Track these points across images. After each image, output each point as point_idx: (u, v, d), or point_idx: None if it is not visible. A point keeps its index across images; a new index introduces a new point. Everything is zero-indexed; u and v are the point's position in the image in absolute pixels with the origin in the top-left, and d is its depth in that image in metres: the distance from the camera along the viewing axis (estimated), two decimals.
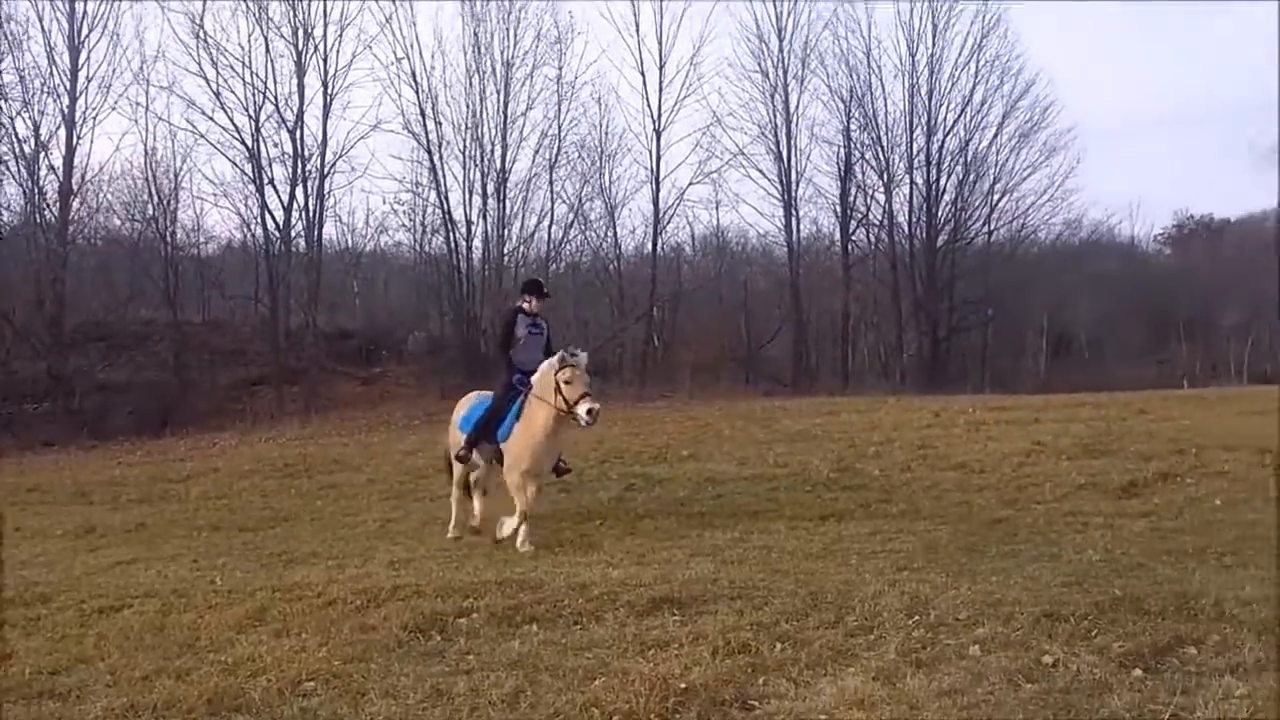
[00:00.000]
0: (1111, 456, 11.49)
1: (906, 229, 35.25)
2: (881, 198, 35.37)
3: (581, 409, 8.03)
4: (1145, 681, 4.40)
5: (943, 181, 35.29)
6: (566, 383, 8.14)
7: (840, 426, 16.03)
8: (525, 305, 9.05)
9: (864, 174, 35.32)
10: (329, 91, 27.78)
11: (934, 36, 34.71)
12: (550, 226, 31.08)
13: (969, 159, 35.31)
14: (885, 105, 35.07)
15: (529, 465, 8.50)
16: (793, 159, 33.91)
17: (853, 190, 34.99)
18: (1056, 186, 36.16)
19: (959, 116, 34.98)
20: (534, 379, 8.53)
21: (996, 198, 36.19)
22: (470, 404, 9.34)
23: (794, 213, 34.15)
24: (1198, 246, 59.45)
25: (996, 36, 34.83)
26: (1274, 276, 44.49)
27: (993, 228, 36.80)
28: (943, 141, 35.05)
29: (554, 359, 8.31)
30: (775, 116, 33.90)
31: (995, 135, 35.39)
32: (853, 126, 34.72)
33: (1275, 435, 11.84)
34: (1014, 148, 35.57)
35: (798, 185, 34.16)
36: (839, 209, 34.93)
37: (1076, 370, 41.92)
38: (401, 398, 24.82)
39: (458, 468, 9.36)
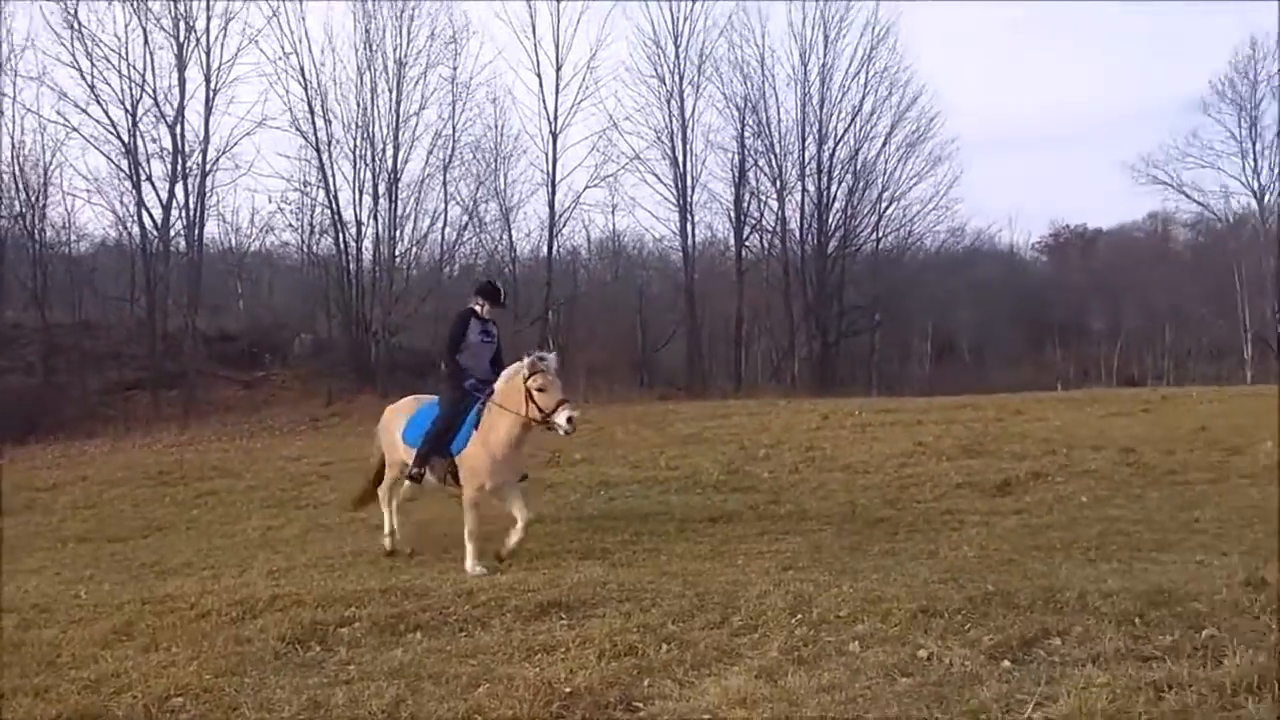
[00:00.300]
0: (988, 457, 11.92)
1: (798, 235, 35.98)
2: (775, 204, 36.07)
3: (561, 417, 7.35)
4: (1013, 672, 4.56)
5: (833, 189, 36.17)
6: (540, 390, 7.43)
7: (732, 429, 16.22)
8: (477, 308, 8.31)
9: (758, 180, 35.98)
10: (212, 86, 26.95)
11: (825, 47, 35.56)
12: (444, 228, 30.72)
13: (858, 168, 36.27)
14: (779, 113, 35.78)
15: (489, 480, 7.74)
16: (688, 164, 34.31)
17: (747, 196, 35.56)
18: (941, 195, 37.45)
19: (849, 126, 35.89)
20: (496, 386, 7.80)
21: (884, 206, 37.28)
22: (411, 412, 8.41)
23: (689, 218, 34.52)
24: (1072, 255, 62.25)
25: (885, 48, 35.89)
26: (1144, 284, 46.88)
27: (881, 235, 37.89)
28: (833, 150, 35.91)
29: (521, 364, 7.56)
30: (671, 122, 34.24)
31: (884, 145, 36.46)
32: (747, 133, 35.32)
33: (1136, 436, 12.47)
34: (901, 157, 36.73)
35: (693, 190, 34.57)
36: (733, 215, 35.48)
37: (959, 373, 43.43)
38: (286, 402, 24.15)
39: (391, 473, 8.65)
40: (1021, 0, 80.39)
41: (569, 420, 7.35)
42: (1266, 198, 41.61)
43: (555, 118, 31.80)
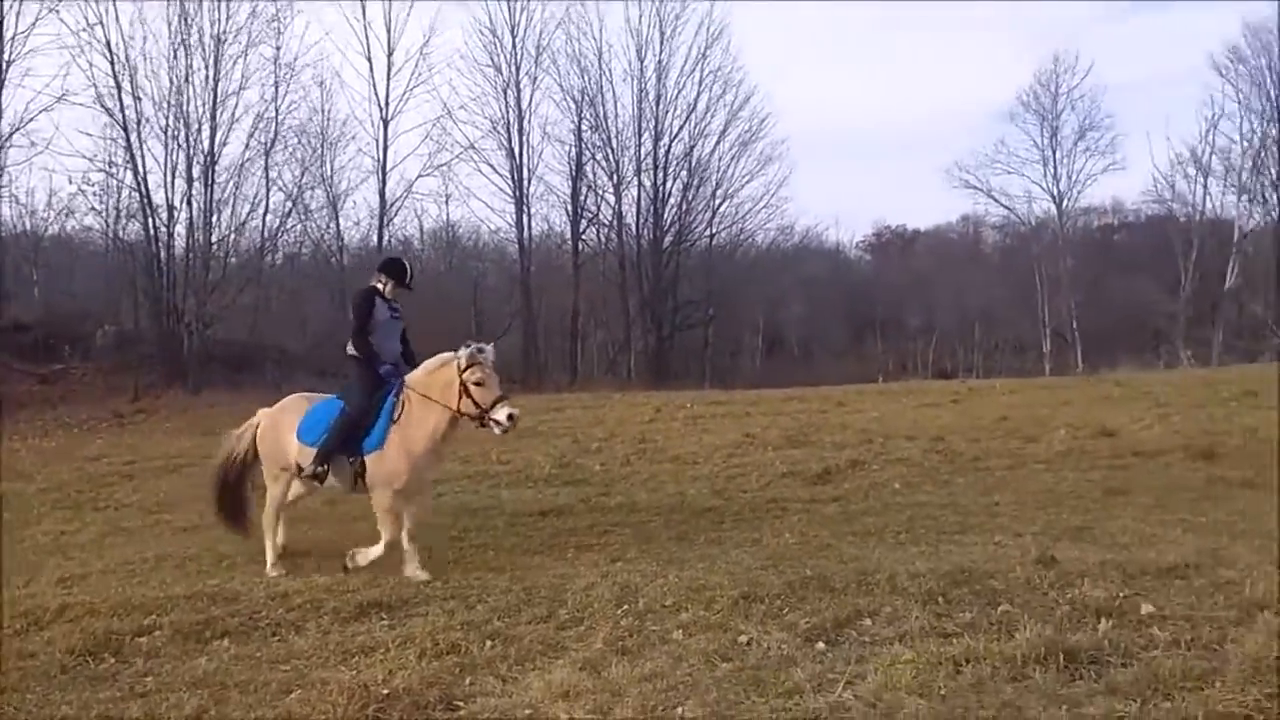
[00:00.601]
0: (811, 447, 12.34)
1: (635, 230, 36.36)
2: (611, 198, 36.32)
3: (501, 413, 6.79)
4: (826, 654, 4.73)
5: (669, 185, 36.72)
6: (478, 383, 6.83)
7: (566, 422, 16.20)
8: (380, 286, 7.46)
9: (595, 174, 36.13)
10: (6, 57, 24.79)
11: (661, 44, 36.02)
12: (266, 215, 29.26)
13: (693, 164, 36.94)
14: (615, 108, 36.02)
15: (406, 482, 6.99)
16: (525, 156, 34.11)
17: (583, 190, 35.66)
18: (771, 194, 38.62)
19: (684, 123, 36.49)
20: (415, 376, 7.11)
21: (718, 203, 38.12)
22: (303, 411, 7.42)
23: (526, 210, 34.33)
24: (893, 254, 65.33)
25: (719, 48, 36.66)
26: (957, 283, 49.63)
27: (714, 231, 38.73)
28: (669, 146, 36.45)
29: (454, 354, 6.94)
30: (508, 112, 33.95)
31: (717, 143, 37.24)
32: (584, 127, 35.40)
33: (946, 425, 13.18)
34: (734, 156, 37.63)
35: (530, 182, 34.39)
36: (570, 208, 35.51)
37: (788, 366, 44.83)
38: (86, 397, 22.47)
39: (278, 487, 7.55)
40: (853, 3, 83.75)
41: (509, 418, 6.82)
42: (1064, 203, 44.87)
43: (386, 104, 31.05)
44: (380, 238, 31.46)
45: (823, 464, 11.09)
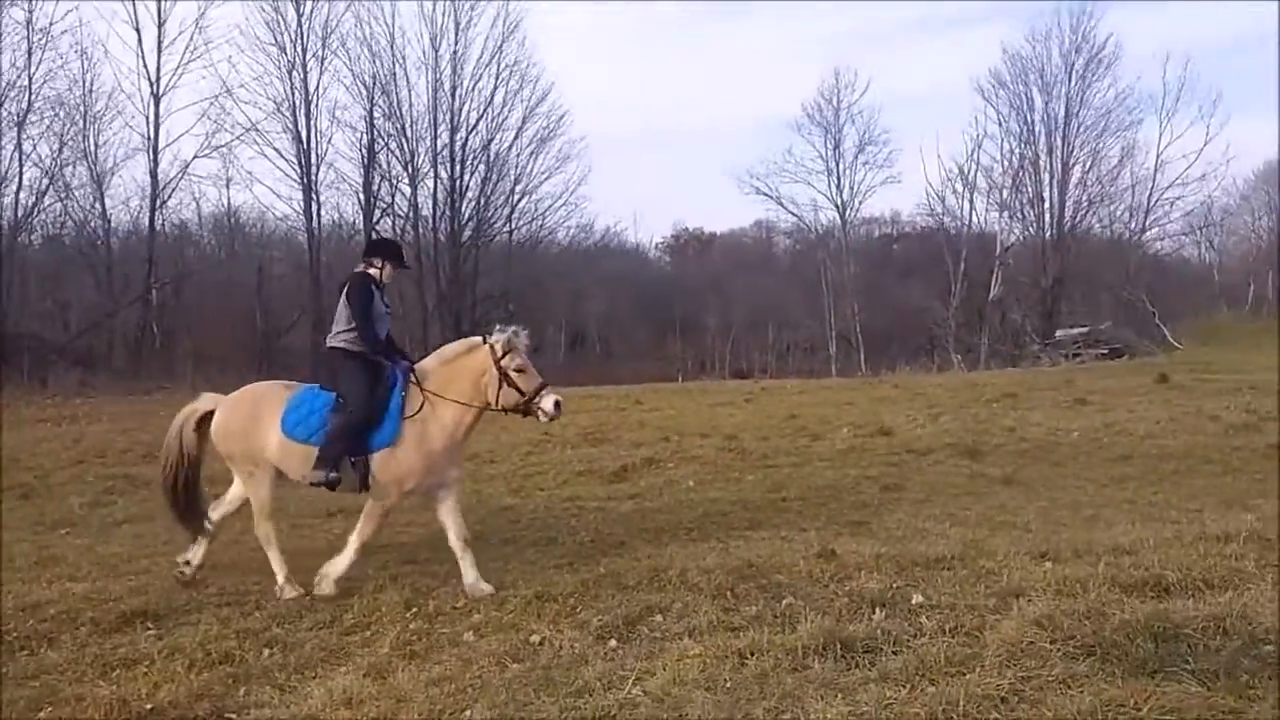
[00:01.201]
0: (609, 445, 12.45)
1: (431, 222, 35.69)
2: (407, 189, 35.45)
3: (548, 401, 6.35)
4: (617, 650, 4.76)
5: (467, 178, 36.25)
6: (519, 370, 6.33)
7: None
8: (374, 271, 6.67)
9: (389, 164, 35.15)
10: None
11: (456, 34, 35.46)
12: (19, 191, 26.86)
13: (491, 158, 36.63)
14: (410, 96, 35.20)
15: (418, 482, 6.38)
16: (313, 141, 32.80)
17: (377, 179, 34.66)
18: (570, 191, 38.81)
19: (481, 116, 36.10)
20: (429, 367, 6.51)
21: (517, 198, 37.96)
22: (284, 401, 6.44)
23: (315, 197, 32.98)
24: (691, 255, 67.02)
25: (515, 42, 36.51)
26: (751, 285, 51.38)
27: (514, 227, 38.54)
28: (466, 139, 35.96)
29: (487, 340, 6.41)
30: (294, 95, 32.55)
31: (516, 138, 37.05)
32: (377, 114, 34.40)
33: (739, 424, 13.59)
34: (533, 151, 37.57)
35: (319, 169, 33.06)
36: (362, 197, 34.41)
37: (590, 364, 45.17)
38: None
39: (260, 487, 6.50)
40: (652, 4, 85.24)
41: (556, 405, 6.39)
42: (847, 213, 47.42)
43: (158, 78, 29.07)
44: (152, 221, 29.43)
45: (620, 462, 11.18)
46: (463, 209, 36.12)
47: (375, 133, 34.21)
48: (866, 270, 49.45)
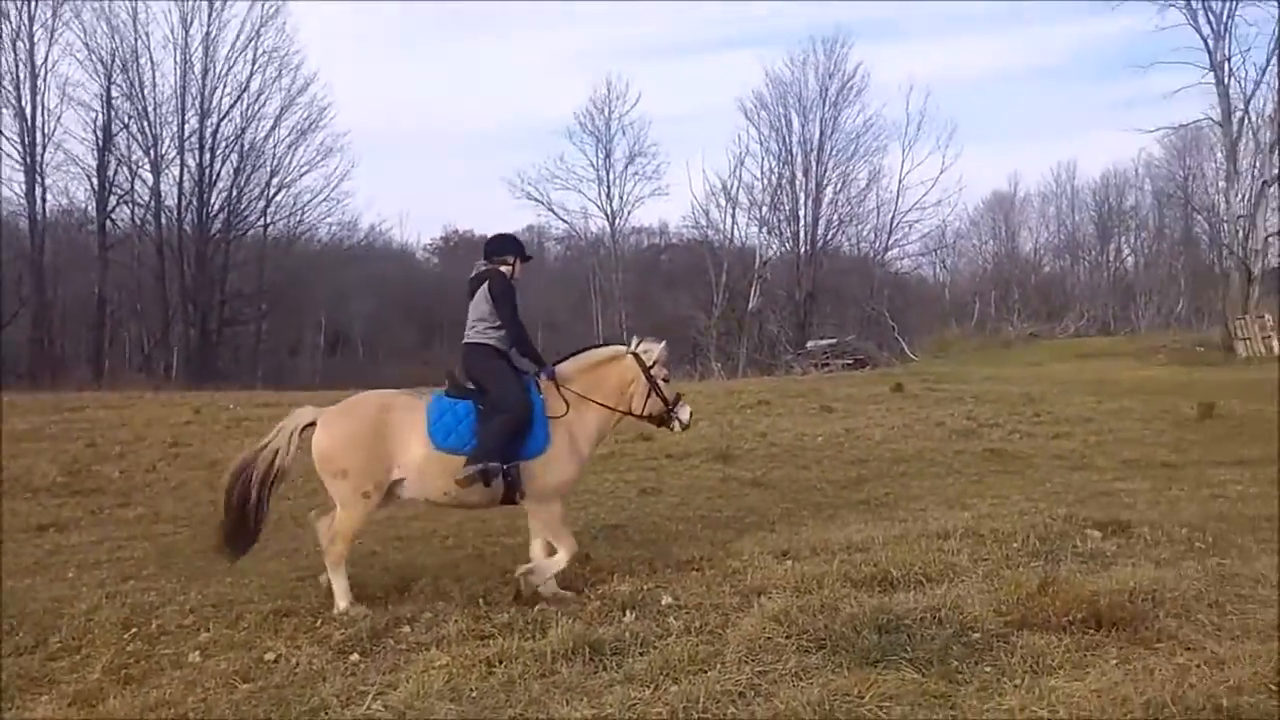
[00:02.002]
0: None
1: (176, 213, 33.36)
2: (148, 175, 32.93)
3: (685, 413, 6.41)
4: (359, 665, 4.57)
5: (218, 167, 34.13)
6: (665, 380, 6.42)
7: (83, 424, 14.41)
8: (507, 269, 6.33)
9: (129, 148, 32.54)
10: None
11: (209, 14, 33.38)
12: None
13: (245, 148, 34.64)
14: (155, 77, 32.77)
15: (572, 487, 6.49)
16: (39, 119, 29.85)
17: (113, 163, 32.00)
18: (333, 187, 37.35)
19: (235, 102, 34.11)
20: (570, 371, 6.25)
21: (274, 191, 36.11)
22: (422, 409, 5.97)
23: (39, 180, 30.05)
24: (462, 257, 66.15)
25: (275, 27, 34.79)
26: (522, 289, 51.02)
27: (269, 221, 36.61)
28: (217, 125, 33.86)
29: (634, 349, 6.36)
30: (17, 67, 29.52)
31: (273, 128, 35.26)
32: (115, 94, 31.76)
33: None
34: (292, 143, 35.86)
35: (45, 149, 30.15)
36: (96, 182, 31.66)
37: (352, 367, 43.65)
38: None
39: (364, 507, 5.84)
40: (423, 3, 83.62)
41: (690, 416, 6.48)
42: (617, 222, 48.33)
43: None
44: None
45: None
46: (212, 199, 34.00)
47: (113, 113, 31.58)
48: (635, 279, 50.57)
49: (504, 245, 6.52)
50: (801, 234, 45.26)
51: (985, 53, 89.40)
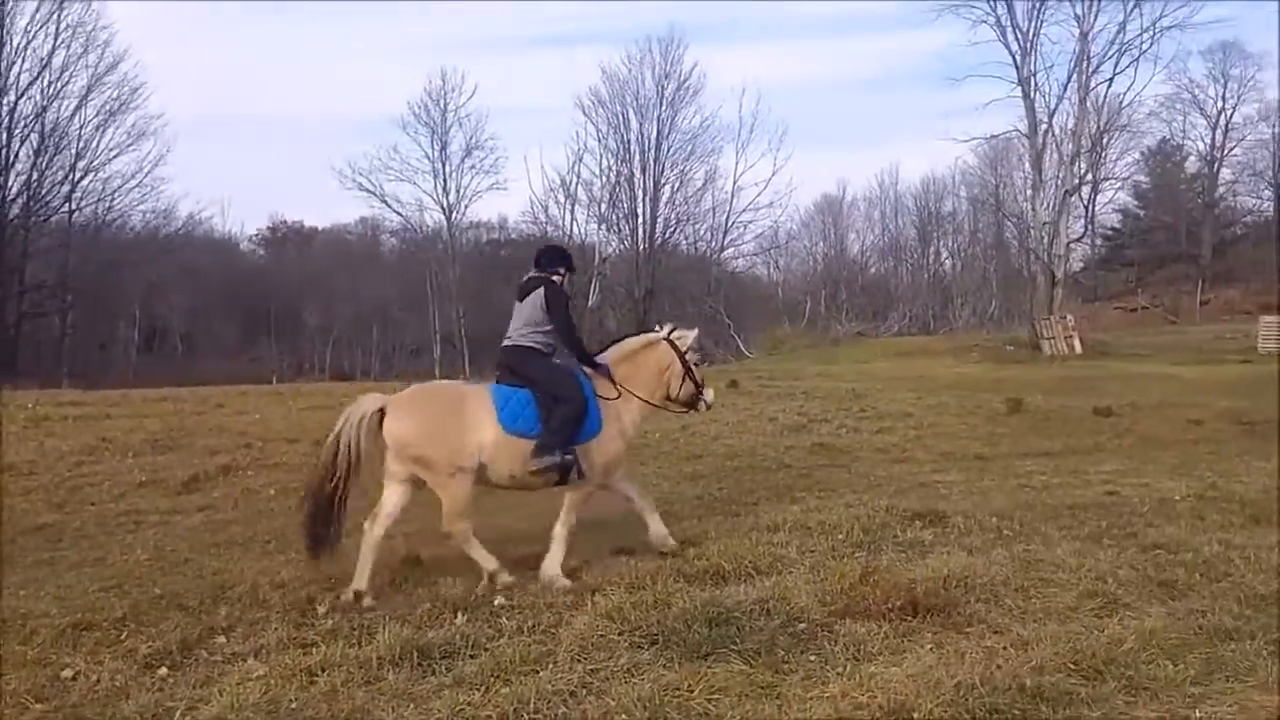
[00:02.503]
0: (180, 451, 11.33)
1: None
2: None
3: (709, 394, 6.93)
4: (167, 680, 4.30)
5: (16, 148, 31.59)
6: (697, 364, 6.85)
7: None
8: (559, 280, 6.60)
9: None
10: None
11: None
12: None
13: (47, 128, 32.20)
14: None
15: (617, 468, 6.66)
16: None
17: None
18: (146, 172, 35.20)
19: (35, 79, 31.67)
20: (614, 359, 6.62)
21: (79, 175, 33.70)
22: (489, 398, 6.17)
23: None
24: (290, 250, 63.67)
25: (80, 1, 32.47)
26: (355, 284, 49.80)
27: (75, 206, 34.15)
28: (15, 103, 31.38)
29: (668, 335, 6.74)
30: None
31: (79, 107, 32.93)
32: None
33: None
34: (100, 124, 33.61)
35: None
36: None
37: (169, 363, 41.36)
38: None
39: (462, 486, 5.99)
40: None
41: (713, 397, 7.04)
42: (454, 215, 47.53)
43: None
44: None
45: (191, 470, 10.19)
46: (9, 182, 31.38)
47: None
48: (474, 274, 49.87)
49: (555, 257, 6.82)
50: (640, 232, 45.69)
51: (815, 60, 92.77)
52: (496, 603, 5.29)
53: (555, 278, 6.65)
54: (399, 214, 48.36)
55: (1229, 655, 4.21)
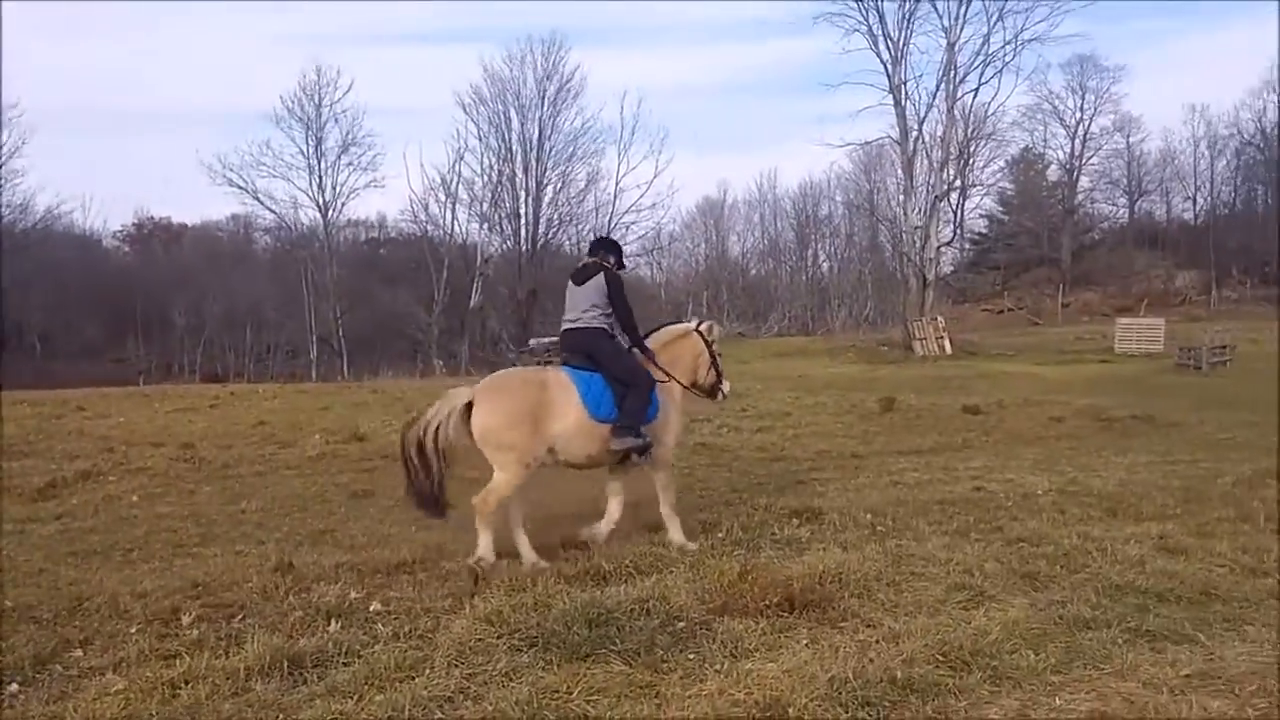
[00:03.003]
0: (35, 458, 10.77)
1: None
2: None
3: (727, 386, 7.32)
4: (18, 696, 4.08)
5: None
6: (719, 355, 7.24)
7: None
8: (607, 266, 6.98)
9: None
10: None
11: None
12: None
13: None
14: None
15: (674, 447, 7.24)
16: None
17: None
18: (2, 164, 33.24)
19: None
20: (656, 346, 7.00)
21: None
22: (572, 384, 6.47)
23: None
24: (157, 247, 61.03)
25: None
26: (227, 283, 47.98)
27: None
28: None
29: (700, 325, 7.26)
30: None
31: None
32: None
33: (199, 431, 12.51)
34: None
35: None
36: None
37: (25, 365, 39.16)
38: None
39: (521, 475, 6.37)
40: None
41: (729, 387, 7.40)
42: (330, 213, 46.36)
43: None
44: None
45: (47, 477, 9.67)
46: None
47: None
48: (351, 273, 48.75)
49: (609, 246, 7.24)
50: (523, 232, 45.43)
51: (696, 64, 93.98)
52: (373, 608, 5.17)
53: (606, 265, 6.98)
54: (273, 211, 46.99)
55: (1087, 644, 4.41)
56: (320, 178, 45.12)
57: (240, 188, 44.85)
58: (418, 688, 3.90)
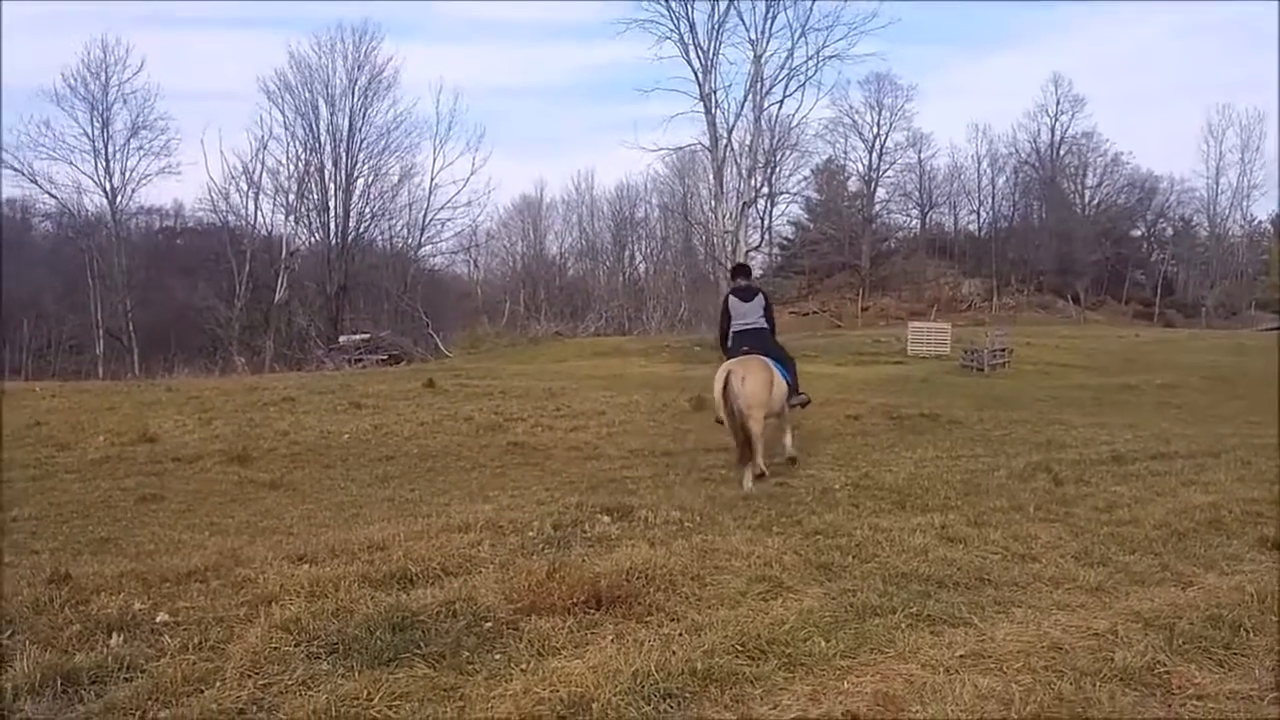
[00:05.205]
0: None
1: None
2: None
3: None
4: None
5: None
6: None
7: None
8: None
9: None
10: None
11: None
12: None
13: None
14: None
15: None
16: None
17: None
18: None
19: None
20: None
21: None
22: (774, 367, 9.44)
23: None
24: None
25: None
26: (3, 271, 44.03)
27: None
28: None
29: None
30: None
31: None
32: None
33: None
34: None
35: None
36: None
37: None
38: None
39: (763, 424, 9.26)
40: None
41: None
42: (119, 199, 43.37)
43: None
44: None
45: None
46: None
47: None
48: (143, 264, 45.76)
49: (749, 271, 11.14)
50: (333, 225, 43.96)
51: (514, 63, 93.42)
52: (160, 619, 4.86)
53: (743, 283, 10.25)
54: (53, 196, 43.51)
55: (873, 629, 4.65)
56: (108, 162, 42.16)
57: (15, 170, 41.31)
58: (206, 701, 3.70)
